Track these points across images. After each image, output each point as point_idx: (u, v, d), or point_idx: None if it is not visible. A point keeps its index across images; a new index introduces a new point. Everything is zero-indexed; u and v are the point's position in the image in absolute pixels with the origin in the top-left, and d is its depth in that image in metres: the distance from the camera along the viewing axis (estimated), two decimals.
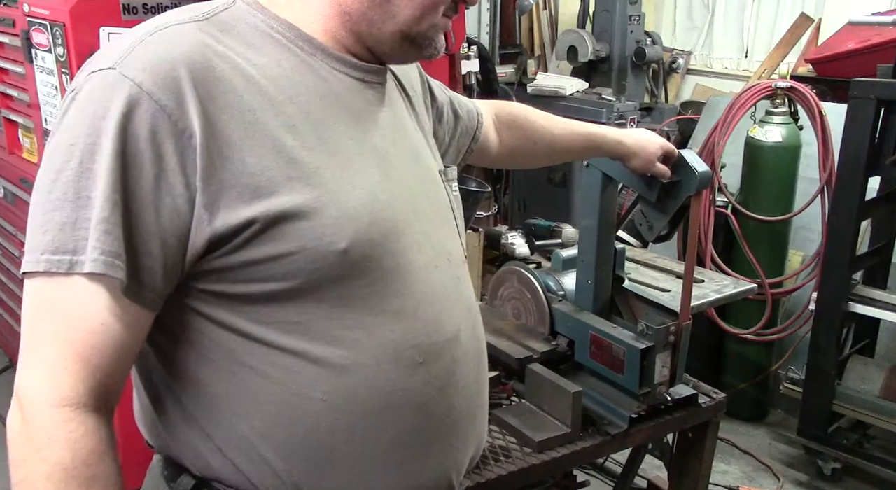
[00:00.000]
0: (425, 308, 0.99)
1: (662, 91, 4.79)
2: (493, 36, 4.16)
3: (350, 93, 0.99)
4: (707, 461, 1.92)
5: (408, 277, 0.97)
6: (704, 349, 3.38)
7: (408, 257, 0.98)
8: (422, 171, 1.08)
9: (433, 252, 1.03)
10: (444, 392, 1.02)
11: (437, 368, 1.00)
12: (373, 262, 0.94)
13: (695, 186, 1.60)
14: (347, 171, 0.94)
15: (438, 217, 1.08)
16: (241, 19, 0.94)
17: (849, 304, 2.86)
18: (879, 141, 2.73)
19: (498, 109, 1.51)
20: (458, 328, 1.04)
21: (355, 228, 0.91)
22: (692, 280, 1.70)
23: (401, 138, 1.06)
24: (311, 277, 0.90)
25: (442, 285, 1.02)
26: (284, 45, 0.95)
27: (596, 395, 1.74)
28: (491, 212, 3.26)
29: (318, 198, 0.90)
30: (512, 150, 1.52)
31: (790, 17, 4.60)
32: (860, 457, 2.92)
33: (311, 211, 0.89)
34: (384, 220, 0.95)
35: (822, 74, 3.83)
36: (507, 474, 1.58)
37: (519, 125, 1.52)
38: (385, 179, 0.98)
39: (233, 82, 0.88)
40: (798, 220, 3.33)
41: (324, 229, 0.89)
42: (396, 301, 0.96)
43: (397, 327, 0.96)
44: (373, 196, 0.95)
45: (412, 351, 0.97)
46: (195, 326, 0.92)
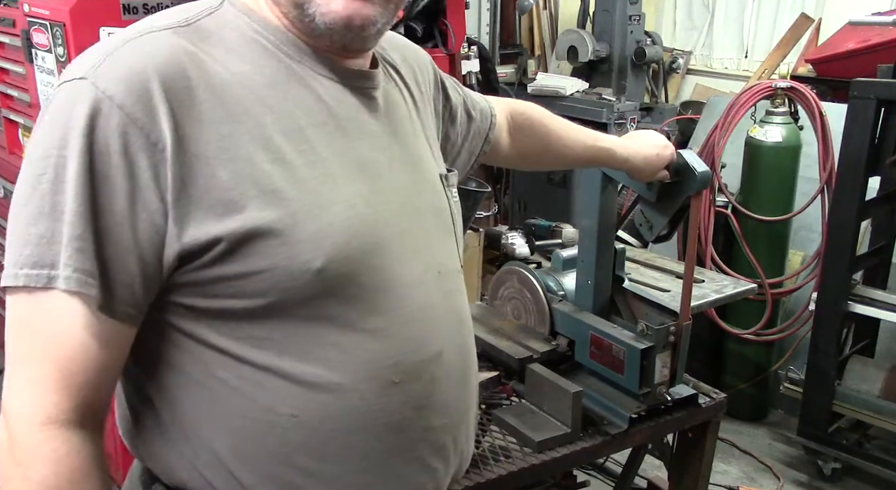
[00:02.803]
0: (406, 326, 0.96)
1: (662, 91, 4.79)
2: (493, 36, 4.16)
3: (337, 100, 0.96)
4: (707, 461, 1.92)
5: (389, 294, 0.94)
6: (704, 349, 3.38)
7: (391, 273, 0.95)
8: (420, 177, 1.05)
9: (422, 265, 0.99)
10: (422, 412, 0.99)
11: (415, 388, 0.97)
12: (350, 279, 0.91)
13: (695, 186, 1.60)
14: (328, 184, 0.91)
15: (434, 226, 1.05)
16: (227, 24, 0.92)
17: (849, 304, 2.86)
18: (879, 141, 2.73)
19: (514, 110, 1.47)
20: (441, 347, 1.00)
21: (332, 246, 0.89)
22: (692, 280, 1.70)
23: (396, 144, 1.02)
24: (284, 295, 0.88)
25: (428, 301, 0.99)
26: (269, 50, 0.92)
27: (596, 395, 1.74)
28: (491, 212, 3.26)
29: (293, 214, 0.87)
30: (522, 154, 1.49)
31: (790, 17, 4.61)
32: (860, 457, 2.92)
33: (283, 228, 0.86)
34: (365, 235, 0.92)
35: (822, 74, 3.83)
36: (507, 474, 1.58)
37: (534, 130, 1.49)
38: (371, 191, 0.95)
39: (208, 93, 0.86)
40: (798, 220, 3.33)
41: (297, 247, 0.87)
42: (375, 319, 0.93)
43: (374, 346, 0.93)
44: (354, 210, 0.92)
45: (389, 370, 0.94)
46: (168, 338, 0.91)
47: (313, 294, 0.89)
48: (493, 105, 1.41)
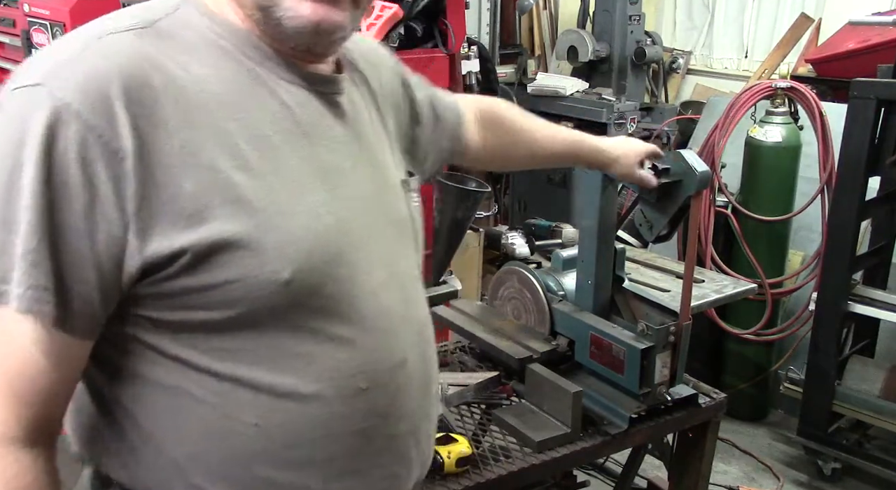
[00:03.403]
0: (372, 334, 0.95)
1: (662, 91, 4.79)
2: (493, 36, 4.16)
3: (301, 106, 0.93)
4: (707, 461, 1.92)
5: (354, 302, 0.93)
6: (704, 349, 3.38)
7: (355, 281, 0.93)
8: (383, 184, 1.03)
9: (385, 273, 0.98)
10: (387, 420, 0.98)
11: (381, 396, 0.96)
12: (317, 289, 0.89)
13: (695, 186, 1.60)
14: (292, 193, 0.88)
15: (395, 233, 1.03)
16: (188, 26, 0.88)
17: (849, 304, 2.86)
18: (879, 141, 2.73)
19: (482, 107, 1.44)
20: (405, 354, 0.99)
21: (298, 256, 0.86)
22: (692, 280, 1.71)
23: (359, 150, 1.00)
24: (251, 307, 0.85)
25: (391, 309, 0.98)
26: (231, 54, 0.89)
27: (596, 395, 1.74)
28: (491, 212, 3.26)
29: (258, 225, 0.84)
30: (491, 152, 1.46)
31: (790, 17, 4.61)
32: (860, 457, 2.92)
33: (249, 240, 0.83)
34: (329, 244, 0.90)
35: (822, 74, 3.83)
36: (507, 474, 1.58)
37: (503, 127, 1.46)
38: (334, 198, 0.93)
39: (171, 98, 0.82)
40: (798, 220, 3.33)
41: (264, 258, 0.84)
42: (341, 328, 0.92)
43: (341, 354, 0.92)
44: (318, 219, 0.89)
45: (355, 378, 0.93)
46: (130, 350, 0.88)
47: (280, 304, 0.87)
48: (461, 103, 1.37)
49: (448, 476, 1.55)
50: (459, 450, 1.56)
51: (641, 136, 4.00)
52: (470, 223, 2.61)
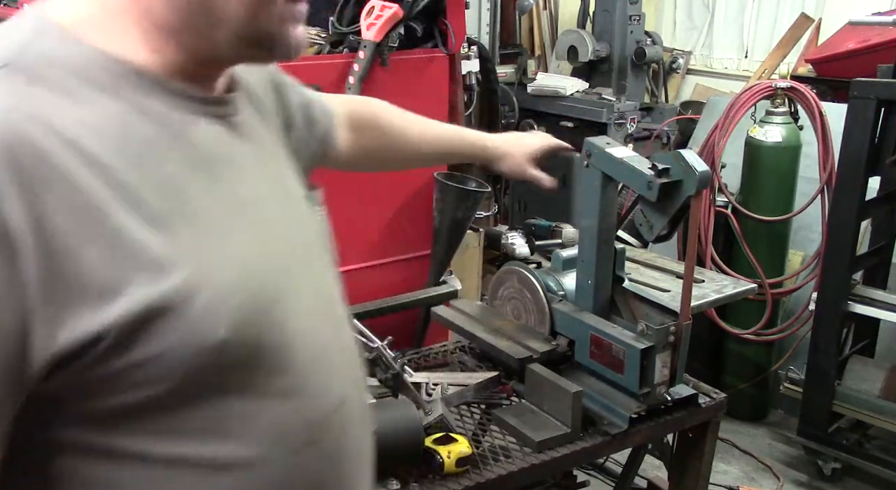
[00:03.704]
0: (311, 377, 0.87)
1: (662, 91, 4.79)
2: (493, 36, 4.16)
3: (201, 136, 0.81)
4: (707, 461, 1.92)
5: (292, 348, 0.84)
6: (704, 349, 3.38)
7: (291, 325, 0.84)
8: (294, 207, 0.95)
9: (315, 303, 0.90)
10: (338, 463, 0.92)
11: (329, 441, 0.89)
12: (254, 343, 0.80)
13: (695, 186, 1.60)
14: (214, 240, 0.78)
15: (315, 257, 0.95)
16: (52, 59, 0.73)
17: (849, 304, 2.87)
18: (879, 141, 2.73)
19: (354, 108, 1.37)
20: (343, 390, 0.92)
21: (231, 311, 0.76)
22: (692, 280, 1.71)
23: (266, 175, 0.90)
24: (187, 376, 0.75)
25: (326, 344, 0.91)
26: (111, 88, 0.75)
27: (596, 395, 1.74)
28: (491, 212, 3.26)
29: (184, 284, 0.73)
30: (365, 153, 1.40)
31: (790, 17, 4.61)
32: (860, 457, 2.92)
33: (175, 304, 0.72)
34: (261, 289, 0.81)
35: (822, 74, 3.83)
36: (507, 474, 1.58)
37: (377, 126, 1.41)
38: (258, 238, 0.83)
39: (59, 157, 0.69)
40: (798, 220, 3.33)
41: (195, 320, 0.74)
42: (281, 379, 0.83)
43: (284, 408, 0.84)
44: (245, 265, 0.80)
45: (301, 430, 0.86)
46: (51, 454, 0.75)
47: (217, 368, 0.77)
48: (332, 103, 1.29)
49: (448, 476, 1.55)
50: (459, 450, 1.56)
51: (641, 136, 4.01)
52: (470, 223, 2.61)
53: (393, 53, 2.48)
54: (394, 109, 1.46)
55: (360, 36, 2.41)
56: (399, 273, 2.65)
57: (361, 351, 1.05)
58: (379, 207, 2.52)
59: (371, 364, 1.64)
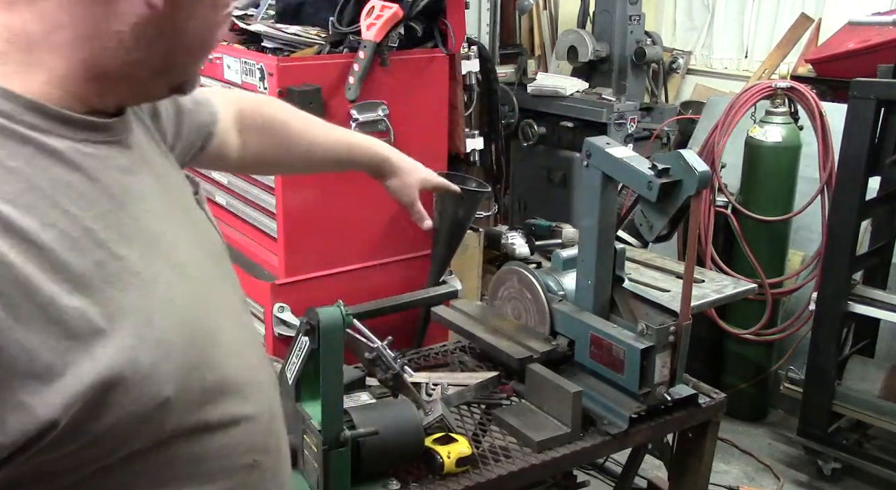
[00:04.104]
0: (246, 400, 0.86)
1: (662, 91, 4.78)
2: (493, 36, 4.15)
3: (107, 171, 0.75)
4: (707, 461, 1.92)
5: (229, 376, 0.83)
6: (704, 349, 3.38)
7: (223, 356, 0.82)
8: (192, 221, 0.90)
9: (234, 324, 0.88)
10: (278, 475, 0.93)
11: (269, 459, 0.90)
12: (198, 387, 0.78)
13: (695, 186, 1.60)
14: (141, 294, 0.73)
15: (221, 271, 0.92)
16: None
17: (849, 304, 2.87)
18: (879, 141, 2.73)
19: (245, 108, 1.30)
20: (270, 400, 0.92)
21: (174, 365, 0.74)
22: (692, 280, 1.71)
23: (165, 194, 0.84)
24: (137, 439, 0.73)
25: (250, 362, 0.89)
26: (6, 128, 0.68)
27: (596, 395, 1.74)
28: (491, 212, 3.26)
29: (125, 349, 0.69)
30: (258, 156, 1.34)
31: (790, 17, 4.60)
32: (860, 457, 2.92)
33: (121, 370, 0.69)
34: (194, 333, 0.78)
35: (822, 74, 3.83)
36: (507, 474, 1.58)
37: (270, 129, 1.34)
38: (179, 278, 0.79)
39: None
40: (798, 220, 3.33)
41: (141, 385, 0.70)
42: (224, 410, 0.82)
43: (227, 439, 0.83)
44: (178, 312, 0.76)
45: (246, 456, 0.85)
46: None
47: (167, 420, 0.75)
48: (216, 99, 1.22)
49: (448, 476, 1.55)
50: (459, 450, 1.56)
51: (641, 136, 4.00)
52: (470, 223, 2.61)
53: (393, 53, 2.47)
54: (293, 112, 1.40)
55: (360, 36, 2.41)
56: (399, 273, 2.65)
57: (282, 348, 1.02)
58: (379, 207, 2.52)
59: (371, 364, 1.64)
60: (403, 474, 1.56)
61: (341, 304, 1.48)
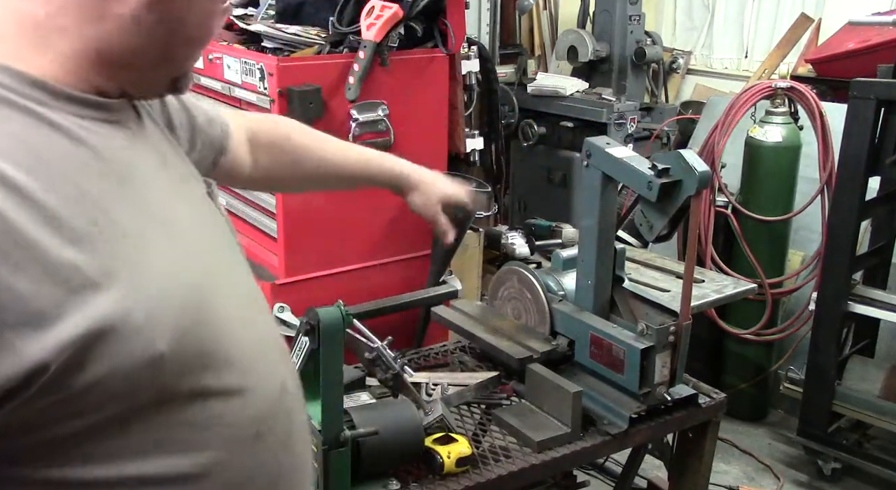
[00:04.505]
0: (251, 372, 0.87)
1: (662, 91, 4.78)
2: (493, 36, 4.15)
3: (107, 146, 0.79)
4: (707, 461, 1.92)
5: (229, 347, 0.84)
6: (704, 349, 3.38)
7: (223, 324, 0.84)
8: (197, 206, 0.93)
9: (240, 300, 0.91)
10: (289, 449, 0.93)
11: (279, 429, 0.91)
12: (193, 350, 0.79)
13: (695, 186, 1.60)
14: (139, 254, 0.76)
15: (227, 253, 0.95)
16: None
17: (849, 304, 2.87)
18: (879, 141, 2.73)
19: (256, 126, 1.34)
20: (282, 376, 0.94)
21: (169, 321, 0.76)
22: (692, 280, 1.71)
23: (167, 176, 0.89)
24: (131, 394, 0.74)
25: (258, 336, 0.91)
26: (9, 101, 0.72)
27: (596, 395, 1.74)
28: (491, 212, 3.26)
29: (121, 302, 0.71)
30: (268, 174, 1.36)
31: (790, 17, 4.60)
32: (860, 457, 2.92)
33: (114, 322, 0.71)
34: (192, 294, 0.80)
35: (822, 74, 3.83)
36: (507, 474, 1.58)
37: (281, 147, 1.37)
38: (177, 242, 0.82)
39: None
40: (798, 220, 3.33)
41: (135, 338, 0.72)
42: (223, 379, 0.83)
43: (230, 407, 0.84)
44: (174, 274, 0.79)
45: (250, 425, 0.86)
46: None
47: (161, 379, 0.76)
48: (228, 117, 1.26)
49: (448, 476, 1.55)
50: (459, 450, 1.56)
51: (641, 136, 4.00)
52: (470, 223, 2.61)
53: (393, 53, 2.48)
54: (305, 131, 1.42)
55: (360, 36, 2.41)
56: (399, 273, 2.65)
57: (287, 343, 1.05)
58: (379, 207, 2.52)
59: (371, 364, 1.64)
60: (403, 474, 1.56)
61: (341, 304, 1.48)
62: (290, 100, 2.36)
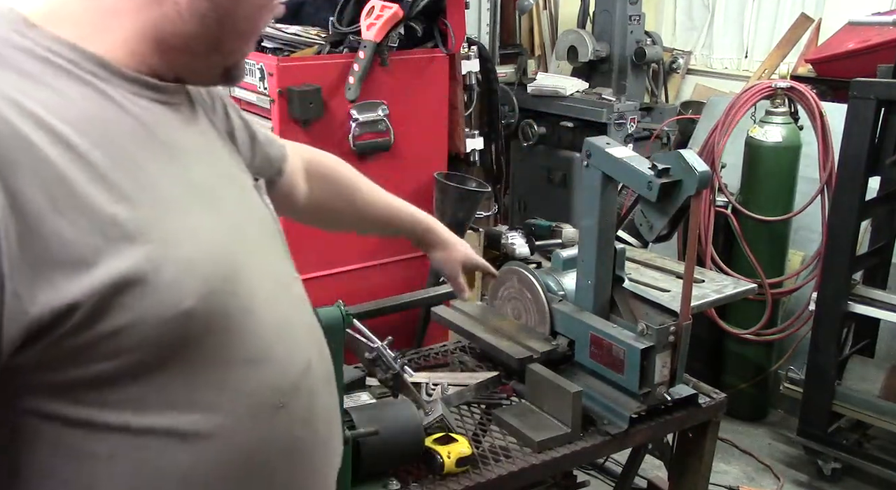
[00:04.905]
0: (275, 345, 0.91)
1: (662, 91, 4.79)
2: (493, 36, 4.16)
3: (158, 122, 0.86)
4: (707, 461, 1.92)
5: (254, 318, 0.89)
6: (704, 349, 3.38)
7: (251, 296, 0.89)
8: (241, 193, 1.00)
9: (272, 281, 0.95)
10: (309, 426, 0.96)
11: (298, 405, 0.93)
12: (219, 312, 0.84)
13: (695, 186, 1.60)
14: (176, 216, 0.82)
15: (267, 240, 1.00)
16: (14, 44, 0.78)
17: (849, 304, 2.87)
18: (879, 141, 2.73)
19: (312, 158, 1.42)
20: (308, 355, 0.97)
21: (197, 282, 0.81)
22: (692, 280, 1.71)
23: (215, 162, 0.97)
24: (156, 346, 0.79)
25: (285, 316, 0.95)
26: (71, 73, 0.79)
27: (596, 395, 1.74)
28: (491, 212, 3.26)
29: (153, 255, 0.77)
30: (320, 206, 1.44)
31: (790, 17, 4.60)
32: (860, 457, 2.92)
33: (145, 274, 0.76)
34: (223, 262, 0.85)
35: (822, 74, 3.83)
36: (507, 474, 1.58)
37: (333, 179, 1.45)
38: (214, 216, 0.88)
39: (25, 133, 0.72)
40: (798, 220, 3.33)
41: (163, 291, 0.78)
42: (247, 347, 0.88)
43: (252, 375, 0.88)
44: (208, 239, 0.85)
45: (271, 396, 0.90)
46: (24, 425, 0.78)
47: (186, 336, 0.81)
48: (287, 144, 1.34)
49: (448, 476, 1.55)
50: (459, 450, 1.56)
51: (641, 136, 4.00)
52: (470, 223, 2.61)
53: (393, 53, 2.48)
54: (353, 171, 1.49)
55: (360, 36, 2.41)
56: (399, 273, 2.65)
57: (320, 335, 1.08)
58: None
59: (371, 364, 1.64)
60: (403, 474, 1.56)
61: (341, 304, 1.48)
62: (289, 100, 2.36)
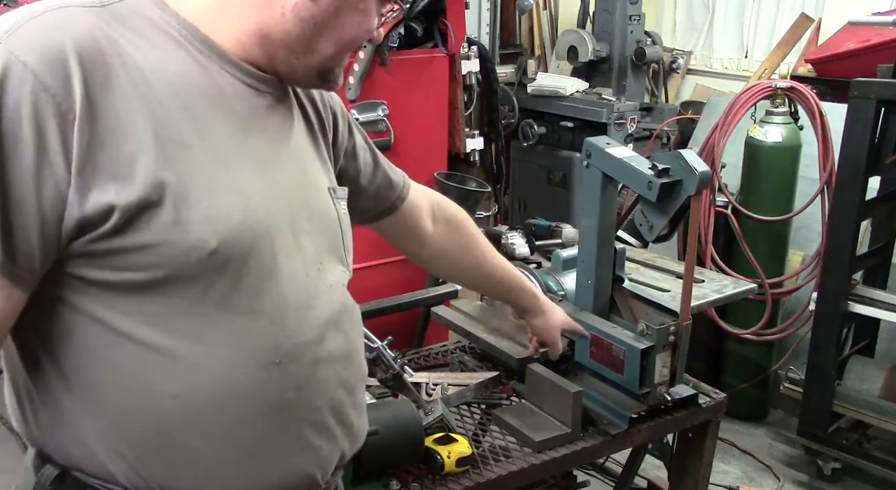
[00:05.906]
0: (287, 312, 0.99)
1: (662, 91, 4.79)
2: (493, 36, 4.16)
3: (240, 97, 0.99)
4: (707, 461, 1.92)
5: (273, 280, 0.98)
6: (704, 349, 3.38)
7: (276, 261, 0.98)
8: (306, 181, 1.08)
9: (304, 261, 1.03)
10: (305, 392, 1.01)
11: (296, 369, 1.00)
12: (240, 260, 0.94)
13: (695, 186, 1.60)
14: (224, 171, 0.94)
15: (317, 227, 1.08)
16: (138, 13, 0.94)
17: (849, 304, 2.87)
18: (879, 141, 2.73)
19: (440, 201, 1.51)
20: (322, 333, 1.03)
21: (226, 228, 0.92)
22: (692, 280, 1.71)
23: (288, 149, 1.06)
24: (176, 271, 0.90)
25: (308, 292, 1.02)
26: (180, 43, 0.95)
27: (596, 395, 1.74)
28: (491, 212, 3.26)
29: (186, 194, 0.89)
30: (442, 249, 1.51)
31: (790, 17, 4.60)
32: (860, 457, 2.92)
33: (176, 203, 0.88)
34: (257, 222, 0.96)
35: (822, 74, 3.83)
36: (507, 474, 1.58)
37: (459, 228, 1.53)
38: (264, 183, 0.99)
39: (121, 70, 0.88)
40: (798, 220, 3.33)
41: (190, 225, 0.89)
42: (258, 301, 0.96)
43: (256, 327, 0.97)
44: (248, 198, 0.95)
45: (269, 351, 0.97)
46: (58, 314, 0.92)
47: (203, 272, 0.91)
48: (413, 185, 1.44)
49: (448, 476, 1.55)
50: (459, 450, 1.56)
51: (641, 136, 4.00)
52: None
53: (393, 53, 2.48)
54: (474, 225, 1.57)
55: None
56: (399, 273, 2.65)
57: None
58: None
59: (371, 364, 1.64)
60: (403, 474, 1.56)
61: None
62: None
